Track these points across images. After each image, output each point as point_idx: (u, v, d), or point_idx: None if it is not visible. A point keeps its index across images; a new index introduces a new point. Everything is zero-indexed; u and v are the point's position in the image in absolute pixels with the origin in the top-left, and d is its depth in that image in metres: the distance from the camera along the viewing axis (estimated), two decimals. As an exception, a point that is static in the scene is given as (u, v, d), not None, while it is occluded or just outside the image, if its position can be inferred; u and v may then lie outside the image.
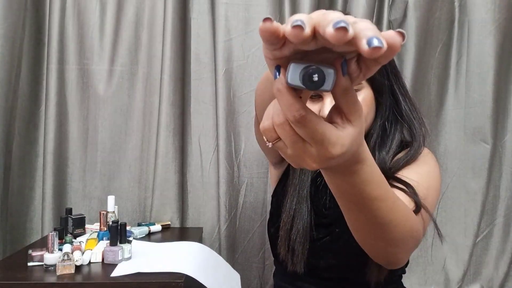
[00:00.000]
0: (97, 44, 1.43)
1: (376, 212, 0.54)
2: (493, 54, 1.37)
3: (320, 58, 0.38)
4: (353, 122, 0.41)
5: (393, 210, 0.55)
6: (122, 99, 1.44)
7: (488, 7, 1.37)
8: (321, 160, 0.42)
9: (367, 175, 0.50)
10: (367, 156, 0.49)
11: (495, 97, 1.39)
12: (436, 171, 0.84)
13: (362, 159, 0.48)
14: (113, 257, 1.00)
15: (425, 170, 0.82)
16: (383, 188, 0.53)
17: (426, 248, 1.43)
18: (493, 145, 1.40)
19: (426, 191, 0.76)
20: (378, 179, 0.52)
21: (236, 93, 1.38)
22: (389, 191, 0.55)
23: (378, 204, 0.53)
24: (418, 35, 1.38)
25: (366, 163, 0.49)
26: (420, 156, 0.83)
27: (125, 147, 1.44)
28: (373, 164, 0.51)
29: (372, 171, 0.51)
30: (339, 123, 0.41)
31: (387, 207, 0.54)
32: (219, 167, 1.39)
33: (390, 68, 0.84)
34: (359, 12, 1.33)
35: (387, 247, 0.61)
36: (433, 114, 1.42)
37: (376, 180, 0.52)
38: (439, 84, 1.42)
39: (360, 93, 0.82)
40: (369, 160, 0.49)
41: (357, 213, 0.55)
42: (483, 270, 1.42)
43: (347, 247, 0.81)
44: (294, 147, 0.42)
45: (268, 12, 1.37)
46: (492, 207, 1.42)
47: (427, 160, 0.85)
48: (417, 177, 0.77)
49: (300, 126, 0.39)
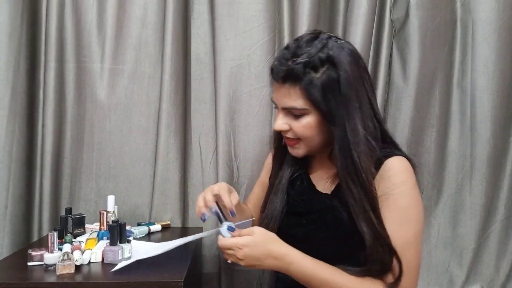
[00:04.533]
0: (96, 42, 1.42)
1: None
2: (498, 53, 1.36)
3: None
4: (251, 235, 0.80)
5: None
6: (121, 98, 1.43)
7: (492, 5, 1.36)
8: (242, 257, 0.79)
9: (297, 273, 0.79)
10: (286, 253, 0.80)
11: (500, 97, 1.37)
12: (414, 206, 0.81)
13: (278, 257, 0.79)
14: (113, 257, 1.00)
15: (403, 215, 0.80)
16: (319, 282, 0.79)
17: (429, 250, 1.43)
18: (497, 146, 1.39)
19: (403, 250, 0.78)
20: (310, 276, 0.79)
21: (236, 93, 1.38)
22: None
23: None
24: (422, 34, 1.37)
25: (285, 260, 0.79)
26: (396, 190, 0.80)
27: (124, 147, 1.44)
28: (301, 265, 0.79)
29: (300, 269, 0.79)
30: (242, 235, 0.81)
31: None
32: (219, 167, 1.39)
33: (338, 98, 0.80)
34: (360, 12, 1.32)
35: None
36: (438, 114, 1.41)
37: (309, 276, 0.79)
38: (444, 84, 1.41)
39: (306, 117, 0.83)
40: (291, 260, 0.79)
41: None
42: (484, 271, 1.42)
43: (311, 238, 0.87)
44: (233, 258, 0.80)
45: (268, 12, 1.36)
46: (494, 208, 1.41)
47: (404, 197, 0.81)
48: (395, 229, 0.79)
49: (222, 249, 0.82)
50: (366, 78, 0.85)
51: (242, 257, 0.79)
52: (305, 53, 0.80)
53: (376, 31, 1.37)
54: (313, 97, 0.80)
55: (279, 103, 0.86)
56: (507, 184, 1.40)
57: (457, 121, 1.42)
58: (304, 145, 0.87)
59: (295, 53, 0.81)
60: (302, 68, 0.79)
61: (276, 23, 1.38)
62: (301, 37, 0.85)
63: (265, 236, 0.81)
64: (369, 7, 1.32)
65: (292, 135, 0.87)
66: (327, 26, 1.43)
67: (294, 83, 0.81)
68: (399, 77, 1.42)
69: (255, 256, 0.78)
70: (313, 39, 0.83)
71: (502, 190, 1.40)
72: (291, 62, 0.80)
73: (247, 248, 0.78)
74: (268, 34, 1.36)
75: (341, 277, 0.79)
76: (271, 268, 0.80)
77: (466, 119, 1.40)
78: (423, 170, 1.41)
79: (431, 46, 1.38)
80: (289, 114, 0.85)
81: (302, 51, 0.81)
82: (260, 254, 0.79)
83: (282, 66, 0.82)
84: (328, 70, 0.79)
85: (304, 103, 0.81)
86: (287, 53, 0.83)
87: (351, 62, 0.81)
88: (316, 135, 0.85)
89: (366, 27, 1.33)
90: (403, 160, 0.83)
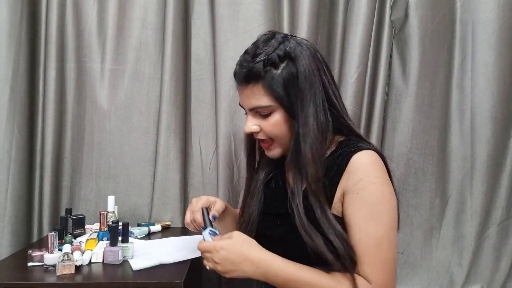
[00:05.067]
0: (96, 42, 1.43)
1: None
2: (498, 53, 1.36)
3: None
4: (230, 238, 0.80)
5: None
6: (121, 98, 1.44)
7: (492, 6, 1.36)
8: (219, 261, 0.79)
9: (274, 278, 0.78)
10: (263, 259, 0.78)
11: (500, 98, 1.37)
12: (383, 200, 0.78)
13: (255, 261, 0.78)
14: (113, 257, 1.00)
15: (372, 215, 0.78)
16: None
17: (430, 250, 1.43)
18: (497, 146, 1.38)
19: (375, 245, 0.76)
20: (289, 281, 0.77)
21: (236, 93, 1.37)
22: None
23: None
24: (421, 34, 1.37)
25: (262, 266, 0.78)
26: (362, 186, 0.78)
27: (124, 147, 1.44)
28: (279, 271, 0.78)
29: (277, 275, 0.78)
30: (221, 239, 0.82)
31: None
32: (219, 168, 1.39)
33: (297, 91, 0.81)
34: (360, 12, 1.32)
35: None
36: (438, 114, 1.41)
37: (288, 281, 0.77)
38: (444, 84, 1.41)
39: (273, 115, 0.84)
40: (269, 265, 0.78)
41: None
42: (484, 271, 1.42)
43: (286, 239, 0.86)
44: (210, 262, 0.81)
45: (268, 12, 1.36)
46: (494, 209, 1.41)
47: (371, 192, 0.78)
48: (364, 226, 0.76)
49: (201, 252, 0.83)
50: (324, 69, 0.85)
51: (218, 261, 0.78)
52: (263, 52, 0.82)
53: (376, 31, 1.37)
54: (276, 93, 0.82)
55: (246, 105, 0.87)
56: (507, 184, 1.40)
57: (457, 121, 1.41)
58: (278, 145, 0.88)
59: (254, 54, 0.83)
60: (262, 66, 0.81)
61: (276, 23, 1.38)
62: (258, 39, 0.87)
63: (243, 240, 0.81)
64: (369, 7, 1.32)
65: (264, 135, 0.87)
66: (326, 26, 1.43)
67: (256, 82, 0.83)
68: (399, 77, 1.42)
69: (232, 259, 0.78)
70: (269, 39, 0.85)
71: (502, 191, 1.40)
72: (251, 63, 0.82)
73: (224, 251, 0.78)
74: (268, 34, 1.36)
75: (320, 280, 0.77)
76: (248, 274, 0.78)
77: (466, 120, 1.40)
78: (424, 171, 1.41)
79: (431, 46, 1.38)
80: (257, 115, 0.86)
81: (260, 50, 0.83)
82: (236, 258, 0.78)
83: (242, 69, 0.84)
84: (287, 65, 0.82)
85: (269, 99, 0.83)
86: (247, 56, 0.85)
87: (309, 55, 0.83)
88: (286, 132, 0.85)
89: (366, 27, 1.33)
90: (370, 153, 0.81)
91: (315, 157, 0.80)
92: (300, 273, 0.78)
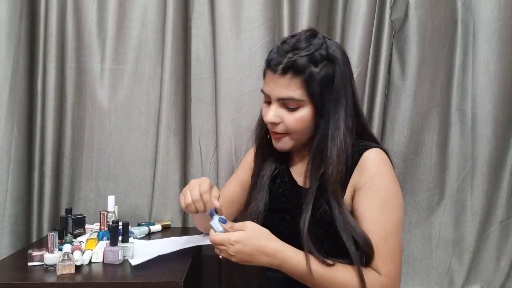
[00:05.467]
0: (96, 42, 1.42)
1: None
2: (499, 52, 1.35)
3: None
4: (244, 229, 0.80)
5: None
6: (121, 98, 1.43)
7: (493, 5, 1.35)
8: (234, 253, 0.79)
9: (289, 268, 0.79)
10: (279, 250, 0.79)
11: (501, 98, 1.37)
12: (392, 195, 0.84)
13: (271, 253, 0.79)
14: (113, 257, 1.00)
15: (380, 206, 0.83)
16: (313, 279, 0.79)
17: (430, 250, 1.43)
18: (498, 146, 1.38)
19: (385, 238, 0.81)
20: (304, 272, 0.78)
21: (237, 93, 1.38)
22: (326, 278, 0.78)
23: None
24: (421, 34, 1.37)
25: (277, 257, 0.79)
26: (374, 181, 0.83)
27: (124, 147, 1.44)
28: (294, 261, 0.79)
29: (292, 265, 0.79)
30: (234, 230, 0.80)
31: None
32: (219, 168, 1.39)
33: (331, 93, 0.85)
34: (360, 12, 1.32)
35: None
36: (439, 114, 1.40)
37: (303, 272, 0.78)
38: (445, 84, 1.41)
39: (301, 110, 0.86)
40: (283, 256, 0.79)
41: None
42: (484, 271, 1.42)
43: (296, 233, 0.86)
44: (224, 253, 0.80)
45: (268, 11, 1.36)
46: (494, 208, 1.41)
47: (382, 186, 0.84)
48: (375, 219, 0.82)
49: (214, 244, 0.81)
50: (353, 78, 0.91)
51: (233, 253, 0.78)
52: (307, 48, 0.84)
53: (376, 31, 1.37)
54: (312, 90, 0.84)
55: (274, 94, 0.87)
56: (507, 184, 1.40)
57: (457, 121, 1.41)
58: (291, 139, 0.90)
59: (296, 47, 0.85)
60: (306, 61, 0.83)
61: (276, 23, 1.38)
62: (299, 33, 0.89)
63: (258, 231, 0.81)
64: (369, 7, 1.32)
65: (282, 129, 0.88)
66: (326, 26, 1.43)
67: (295, 75, 0.84)
68: (398, 77, 1.42)
69: (247, 252, 0.78)
70: (312, 36, 0.87)
71: (503, 190, 1.40)
72: (291, 55, 0.84)
73: (239, 244, 0.78)
74: (268, 34, 1.36)
75: (335, 270, 0.79)
76: (263, 264, 0.80)
77: (467, 120, 1.39)
78: (424, 170, 1.41)
79: (431, 46, 1.38)
80: (283, 106, 0.87)
81: (303, 45, 0.84)
82: (252, 250, 0.78)
83: (282, 58, 0.84)
84: (326, 66, 0.84)
85: (302, 94, 0.84)
86: (287, 46, 0.86)
87: (345, 61, 0.88)
88: (306, 128, 0.87)
89: (366, 27, 1.32)
90: (379, 151, 0.87)
91: (341, 159, 0.83)
92: (314, 263, 0.79)
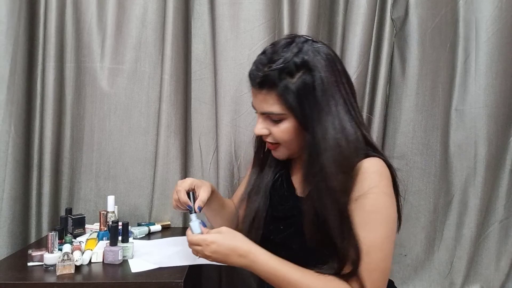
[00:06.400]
0: (95, 42, 1.42)
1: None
2: (501, 52, 1.35)
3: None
4: (219, 232, 0.84)
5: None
6: (121, 98, 1.43)
7: (495, 4, 1.35)
8: (209, 254, 0.82)
9: (260, 270, 0.80)
10: (251, 251, 0.81)
11: (503, 97, 1.36)
12: (382, 209, 0.79)
13: (243, 254, 0.81)
14: (113, 257, 1.00)
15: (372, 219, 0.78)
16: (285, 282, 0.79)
17: (433, 251, 1.43)
18: (499, 146, 1.38)
19: (366, 252, 0.76)
20: (273, 274, 0.79)
21: (237, 93, 1.38)
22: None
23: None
24: (422, 33, 1.37)
25: (249, 257, 0.80)
26: (365, 194, 0.78)
27: (124, 147, 1.44)
28: (264, 263, 0.80)
29: (262, 267, 0.80)
30: (210, 233, 0.85)
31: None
32: (219, 168, 1.39)
33: (313, 103, 0.80)
34: (360, 12, 1.32)
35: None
36: (440, 114, 1.40)
37: (272, 275, 0.79)
38: (446, 83, 1.40)
39: (284, 122, 0.84)
40: (255, 257, 0.80)
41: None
42: (484, 271, 1.42)
43: (289, 244, 0.87)
44: (201, 254, 0.84)
45: (268, 11, 1.36)
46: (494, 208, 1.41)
47: (371, 200, 0.78)
48: (359, 233, 0.77)
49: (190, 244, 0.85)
50: (343, 82, 0.83)
51: (209, 253, 0.83)
52: (280, 58, 0.80)
53: (376, 30, 1.37)
54: (288, 102, 0.81)
55: (257, 108, 0.87)
56: (507, 184, 1.40)
57: (459, 121, 1.40)
58: (284, 148, 0.89)
59: (271, 59, 0.82)
60: (277, 74, 0.80)
61: (276, 23, 1.38)
62: (278, 42, 0.86)
63: (232, 234, 0.85)
64: (369, 7, 1.32)
65: (272, 139, 0.88)
66: (327, 26, 1.43)
67: (270, 89, 0.82)
68: (399, 76, 1.42)
69: (222, 252, 0.82)
70: (289, 44, 0.83)
71: (502, 190, 1.40)
72: (267, 68, 0.81)
73: (214, 244, 0.82)
74: (268, 34, 1.36)
75: (305, 277, 0.78)
76: (237, 265, 0.82)
77: (469, 119, 1.39)
78: (428, 171, 1.41)
79: (431, 45, 1.38)
80: (268, 119, 0.86)
81: (278, 56, 0.81)
82: (226, 250, 0.82)
83: (258, 72, 0.83)
84: (303, 75, 0.80)
85: (281, 108, 0.82)
86: (264, 59, 0.83)
87: (327, 66, 0.81)
88: (294, 139, 0.85)
89: (366, 26, 1.32)
90: (376, 162, 0.81)
91: (341, 169, 0.78)
92: (286, 267, 0.80)
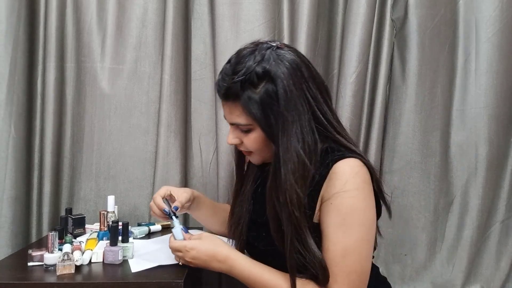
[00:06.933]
0: (95, 42, 1.42)
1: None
2: (502, 52, 1.35)
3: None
4: (199, 238, 0.88)
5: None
6: (121, 98, 1.43)
7: (496, 4, 1.34)
8: (190, 259, 0.87)
9: (238, 275, 0.83)
10: (230, 257, 0.84)
11: (504, 97, 1.36)
12: (357, 210, 0.77)
13: (222, 259, 0.84)
14: (113, 257, 1.00)
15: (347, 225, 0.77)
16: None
17: (434, 252, 1.43)
18: (499, 146, 1.38)
19: (342, 256, 0.76)
20: (251, 279, 0.81)
21: (237, 93, 1.38)
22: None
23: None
24: (421, 33, 1.37)
25: (227, 263, 0.84)
26: (338, 195, 0.77)
27: (124, 147, 1.44)
28: (242, 268, 0.82)
29: (240, 273, 0.82)
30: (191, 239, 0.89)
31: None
32: (220, 168, 1.39)
33: (276, 113, 0.79)
34: (360, 12, 1.32)
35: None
36: (440, 114, 1.40)
37: (249, 279, 0.82)
38: (446, 84, 1.40)
39: (253, 132, 0.84)
40: (233, 263, 0.83)
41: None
42: (484, 271, 1.41)
43: (270, 251, 0.86)
44: (182, 260, 0.89)
45: (268, 11, 1.36)
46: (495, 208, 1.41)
47: (345, 201, 0.77)
48: (334, 235, 0.77)
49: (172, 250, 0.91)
50: (310, 88, 0.81)
51: (190, 259, 0.87)
52: (243, 69, 0.79)
53: (376, 30, 1.37)
54: (253, 113, 0.80)
55: (227, 119, 0.88)
56: (508, 184, 1.40)
57: (459, 121, 1.40)
58: (257, 155, 0.90)
59: (234, 69, 0.81)
60: (239, 86, 0.79)
61: (276, 23, 1.38)
62: (242, 49, 0.84)
63: (212, 240, 0.88)
64: (369, 6, 1.32)
65: (244, 148, 0.89)
66: (326, 26, 1.43)
67: (234, 100, 0.82)
68: (399, 77, 1.42)
69: (201, 258, 0.86)
70: (252, 52, 0.81)
71: (503, 190, 1.40)
72: (230, 79, 0.81)
73: (194, 250, 0.86)
74: (268, 34, 1.36)
75: (281, 280, 0.80)
76: (217, 270, 0.85)
77: (469, 119, 1.38)
78: (428, 172, 1.41)
79: (431, 45, 1.38)
80: (238, 129, 0.86)
81: (241, 66, 0.80)
82: (205, 256, 0.85)
83: (224, 83, 0.82)
84: (266, 85, 0.78)
85: (246, 119, 0.82)
86: (228, 69, 0.83)
87: (290, 74, 0.78)
88: (264, 147, 0.86)
89: (366, 26, 1.32)
90: (351, 162, 0.79)
91: (299, 182, 0.77)
92: (263, 273, 0.82)
